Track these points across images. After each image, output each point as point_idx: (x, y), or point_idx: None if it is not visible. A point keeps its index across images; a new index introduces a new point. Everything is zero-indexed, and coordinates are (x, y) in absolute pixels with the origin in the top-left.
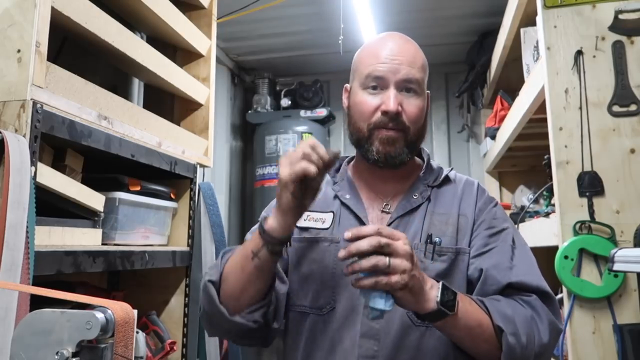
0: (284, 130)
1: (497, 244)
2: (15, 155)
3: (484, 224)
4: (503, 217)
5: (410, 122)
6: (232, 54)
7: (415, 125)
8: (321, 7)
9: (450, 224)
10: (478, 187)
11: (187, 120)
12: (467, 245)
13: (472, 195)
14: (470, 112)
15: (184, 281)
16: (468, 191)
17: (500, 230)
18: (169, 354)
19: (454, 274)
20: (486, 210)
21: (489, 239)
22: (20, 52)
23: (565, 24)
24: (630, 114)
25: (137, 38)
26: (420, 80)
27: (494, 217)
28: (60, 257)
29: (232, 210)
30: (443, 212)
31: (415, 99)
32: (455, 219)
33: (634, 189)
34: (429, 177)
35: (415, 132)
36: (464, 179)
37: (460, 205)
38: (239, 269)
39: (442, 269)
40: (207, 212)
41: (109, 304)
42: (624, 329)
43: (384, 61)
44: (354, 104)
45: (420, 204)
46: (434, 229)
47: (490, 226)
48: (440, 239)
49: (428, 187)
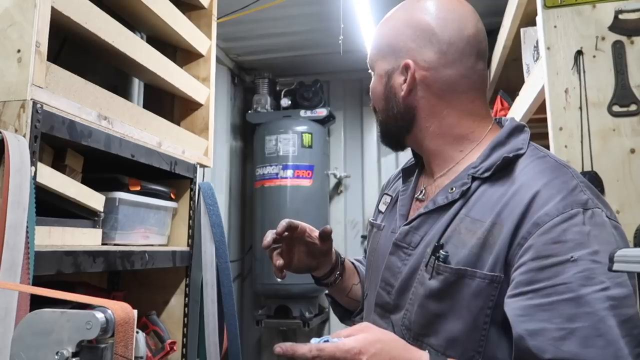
0: (284, 130)
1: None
2: (15, 155)
3: (533, 250)
4: (577, 240)
5: (374, 103)
6: (232, 54)
7: (378, 106)
8: (321, 7)
9: (478, 234)
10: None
11: (187, 120)
12: (492, 270)
13: (525, 197)
14: None
15: (184, 281)
16: (524, 190)
17: (560, 262)
18: (169, 354)
19: (454, 298)
20: (545, 226)
21: (537, 273)
22: (20, 52)
23: (565, 24)
24: (630, 114)
25: (137, 38)
26: (373, 58)
27: (557, 240)
28: (60, 257)
29: (232, 210)
30: (478, 217)
31: (373, 79)
32: (486, 230)
33: (634, 189)
34: (482, 163)
35: (382, 111)
36: (543, 166)
37: (503, 209)
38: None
39: (435, 288)
40: (207, 212)
41: (109, 304)
42: None
43: None
44: None
45: (454, 202)
46: (456, 237)
47: (542, 254)
48: (448, 253)
49: (473, 179)
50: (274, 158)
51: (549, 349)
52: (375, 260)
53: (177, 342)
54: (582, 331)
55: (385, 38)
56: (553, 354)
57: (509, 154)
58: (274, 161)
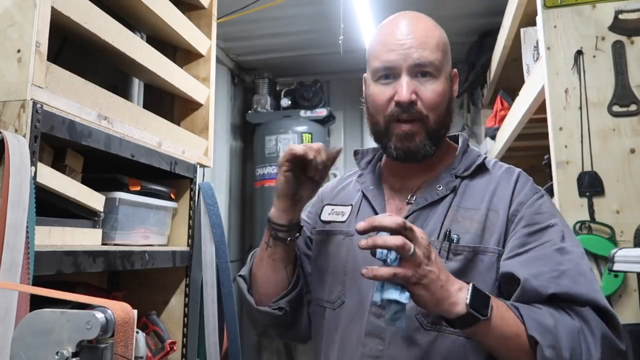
0: (284, 130)
1: (539, 245)
2: (15, 156)
3: (523, 220)
4: (550, 212)
5: (428, 109)
6: (232, 54)
7: (434, 112)
8: (321, 7)
9: (476, 220)
10: (518, 177)
11: (187, 120)
12: (497, 245)
13: (509, 187)
14: (470, 112)
15: (184, 281)
16: (505, 182)
17: (545, 227)
18: (169, 354)
19: (471, 275)
20: (527, 203)
21: (527, 237)
22: (20, 52)
23: (565, 24)
24: (630, 114)
25: (137, 38)
26: (436, 61)
27: (538, 211)
28: (60, 257)
29: (232, 210)
30: (470, 206)
31: (432, 83)
32: (484, 215)
33: (634, 189)
34: (459, 165)
35: (436, 119)
36: (504, 168)
37: (492, 199)
38: (259, 261)
39: (455, 268)
40: (207, 212)
41: (109, 304)
42: (624, 329)
43: (392, 48)
44: (368, 96)
45: (444, 197)
46: (456, 226)
47: (530, 222)
48: (459, 236)
49: (456, 178)
50: (274, 158)
51: (551, 286)
52: (355, 265)
53: (177, 342)
54: (570, 272)
55: (444, 43)
56: (554, 289)
57: (480, 158)
58: (274, 161)
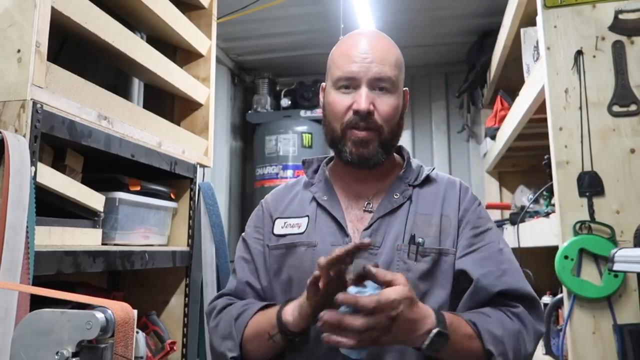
0: (284, 130)
1: (484, 245)
2: (15, 156)
3: (470, 224)
4: (487, 217)
5: (383, 121)
6: (232, 54)
7: (388, 124)
8: (321, 7)
9: (433, 224)
10: (461, 187)
11: (187, 120)
12: (452, 246)
13: (455, 196)
14: (470, 112)
15: (184, 281)
16: (451, 191)
17: (485, 230)
18: (169, 354)
19: (437, 274)
20: (471, 209)
21: (474, 239)
22: (20, 52)
23: (565, 24)
24: (630, 114)
25: (137, 38)
26: (394, 77)
27: (479, 216)
28: (60, 257)
29: (232, 210)
30: (425, 212)
31: (388, 97)
32: (438, 220)
33: (634, 189)
34: (409, 175)
35: (390, 131)
36: (446, 179)
37: (443, 205)
38: (255, 345)
39: (425, 269)
40: (207, 212)
41: (109, 304)
42: (624, 329)
43: (355, 60)
44: (327, 103)
45: (402, 204)
46: (417, 230)
47: (475, 226)
48: (424, 239)
49: (409, 187)
50: (274, 158)
51: (497, 284)
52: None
53: (177, 342)
54: (509, 270)
55: (401, 61)
56: (500, 287)
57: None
58: (274, 161)
